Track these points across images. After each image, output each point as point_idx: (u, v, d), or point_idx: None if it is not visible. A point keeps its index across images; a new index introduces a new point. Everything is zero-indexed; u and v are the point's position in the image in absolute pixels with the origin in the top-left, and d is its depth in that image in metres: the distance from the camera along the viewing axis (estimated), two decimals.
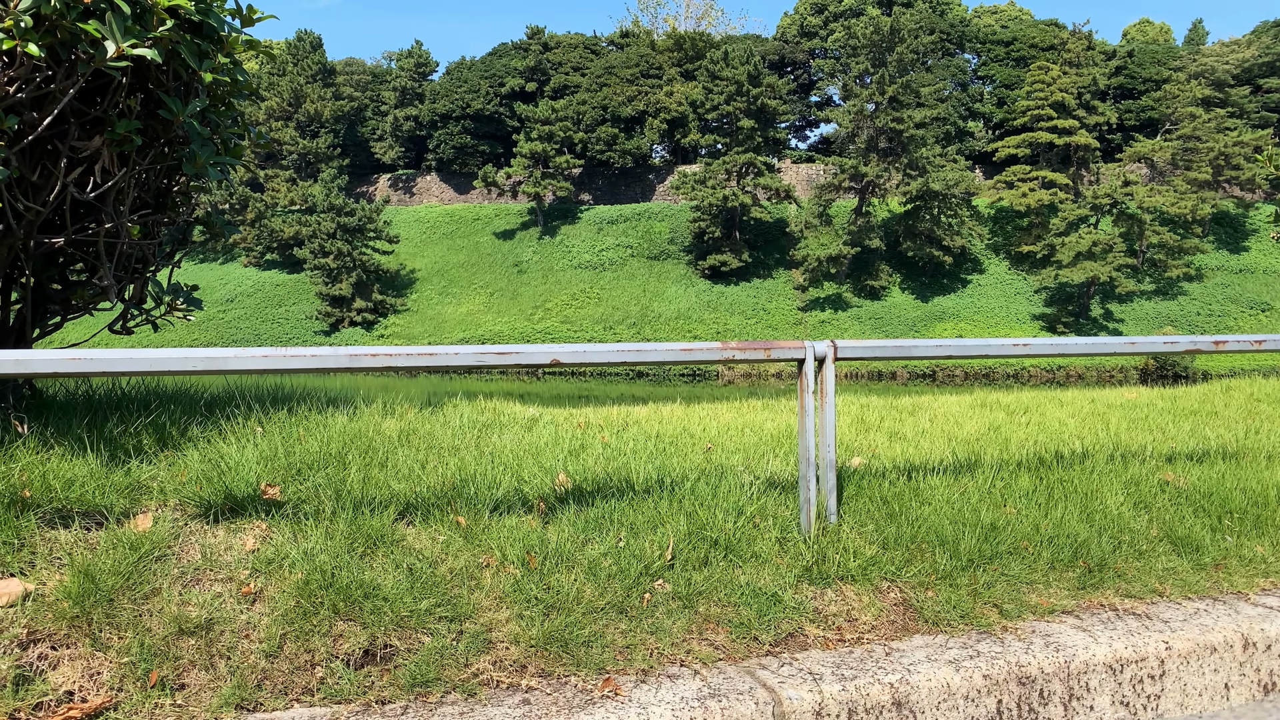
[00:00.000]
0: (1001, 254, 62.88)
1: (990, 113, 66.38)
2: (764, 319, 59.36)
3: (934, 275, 61.22)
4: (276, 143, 68.76)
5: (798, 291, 61.61)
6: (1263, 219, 62.18)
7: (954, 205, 58.74)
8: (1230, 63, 61.27)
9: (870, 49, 58.48)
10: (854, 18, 66.32)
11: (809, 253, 59.21)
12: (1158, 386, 8.59)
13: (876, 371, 53.44)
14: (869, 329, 58.00)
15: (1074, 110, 59.19)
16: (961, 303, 59.73)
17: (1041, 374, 52.53)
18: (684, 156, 72.91)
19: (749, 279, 62.72)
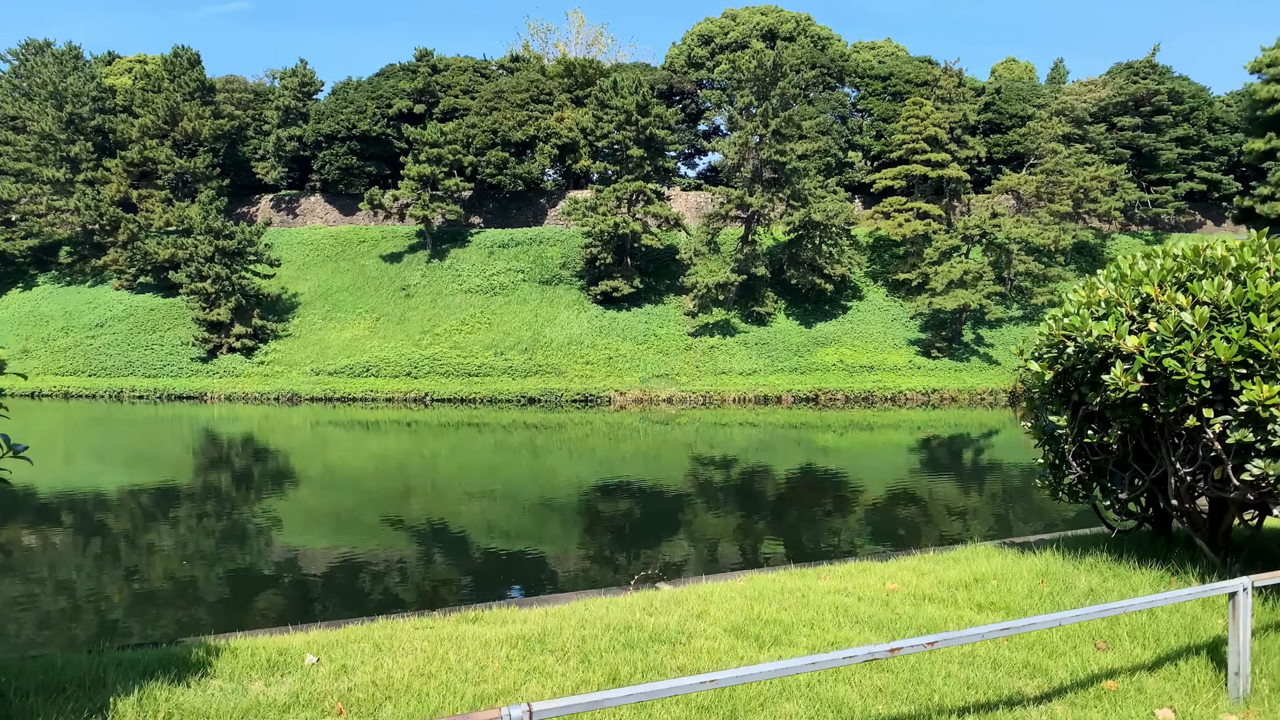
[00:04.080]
0: (880, 281, 65.21)
1: (869, 145, 68.93)
2: (655, 344, 59.99)
3: (817, 302, 63.03)
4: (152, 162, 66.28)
5: (688, 317, 62.49)
6: (1119, 249, 66.27)
7: (835, 235, 60.68)
8: (1088, 101, 65.27)
9: (754, 82, 60.06)
10: (739, 50, 68.03)
11: (698, 279, 60.19)
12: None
13: (763, 396, 54.62)
14: (756, 354, 59.25)
15: (946, 144, 62.02)
16: (843, 328, 61.63)
17: (917, 397, 54.67)
18: (576, 181, 73.29)
19: (640, 304, 63.30)
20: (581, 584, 13.89)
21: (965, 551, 6.60)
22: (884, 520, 19.53)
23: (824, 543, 16.84)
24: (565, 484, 25.90)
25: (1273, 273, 4.91)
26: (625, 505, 22.03)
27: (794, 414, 49.23)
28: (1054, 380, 5.65)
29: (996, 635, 3.72)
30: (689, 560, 15.40)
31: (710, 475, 28.24)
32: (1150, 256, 5.42)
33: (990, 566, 5.85)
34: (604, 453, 34.42)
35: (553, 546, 16.74)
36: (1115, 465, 5.50)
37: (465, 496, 23.10)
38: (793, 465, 30.45)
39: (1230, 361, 4.67)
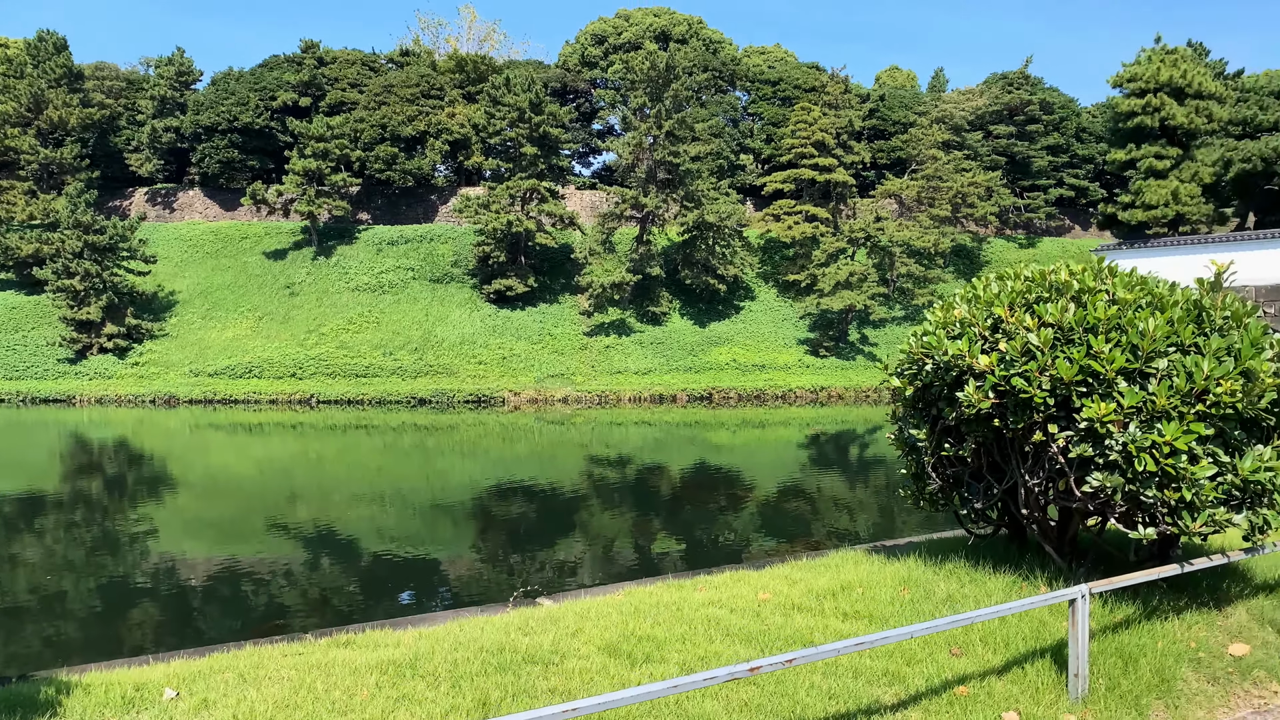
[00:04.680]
0: (771, 282, 66.54)
1: (760, 148, 70.20)
2: (550, 344, 59.79)
3: (710, 302, 63.89)
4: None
5: (583, 317, 62.47)
6: (994, 252, 69.29)
7: (727, 236, 61.63)
8: (966, 110, 67.96)
9: (648, 83, 60.45)
10: (633, 51, 68.34)
11: (594, 279, 60.27)
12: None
13: (658, 395, 55.09)
14: (651, 353, 59.68)
15: (833, 149, 63.66)
16: (736, 328, 62.64)
17: (806, 395, 56.03)
18: (468, 178, 72.38)
19: (535, 304, 62.95)
20: (473, 591, 13.77)
21: (835, 558, 6.83)
22: (768, 522, 19.97)
23: (711, 545, 17.12)
24: (457, 487, 25.60)
25: (1111, 296, 5.24)
26: (517, 509, 21.92)
27: (689, 412, 49.80)
28: (914, 395, 5.90)
29: (851, 650, 3.88)
30: (578, 567, 15.44)
31: (605, 476, 28.35)
32: (1002, 278, 5.71)
33: (857, 574, 6.06)
34: (498, 454, 34.15)
35: (441, 555, 16.54)
36: (971, 476, 5.78)
37: (353, 501, 22.59)
38: (686, 464, 30.82)
39: (1072, 380, 4.96)
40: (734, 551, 16.30)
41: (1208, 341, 5.01)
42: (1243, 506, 5.10)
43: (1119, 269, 5.57)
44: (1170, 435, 4.79)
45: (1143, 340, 4.95)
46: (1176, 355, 5.02)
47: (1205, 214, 38.07)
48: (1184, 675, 4.89)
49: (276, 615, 12.32)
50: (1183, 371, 4.91)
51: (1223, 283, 5.39)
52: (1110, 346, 4.99)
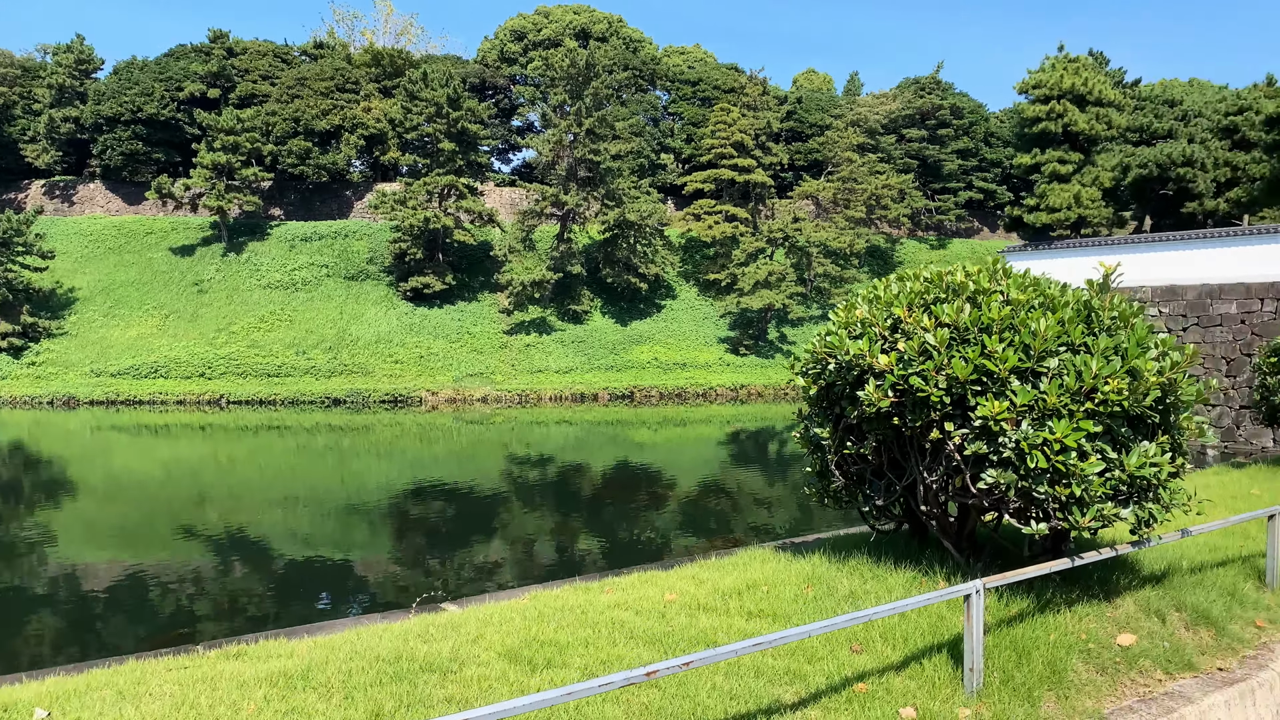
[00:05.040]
0: (692, 281, 66.97)
1: (680, 148, 70.56)
2: (469, 342, 59.12)
3: (632, 300, 63.98)
4: None
5: (503, 315, 61.95)
6: (907, 253, 70.93)
7: (648, 235, 61.79)
8: (880, 113, 69.40)
9: (568, 80, 60.23)
10: (552, 48, 68.00)
11: (513, 276, 59.81)
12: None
13: (580, 394, 54.94)
14: (572, 352, 59.49)
15: (752, 150, 64.36)
16: (657, 326, 62.85)
17: (726, 393, 56.53)
18: (384, 174, 71.11)
19: (453, 301, 62.19)
20: (385, 595, 13.49)
21: (743, 556, 6.85)
22: (685, 520, 20.06)
23: (628, 545, 17.12)
24: (373, 489, 25.11)
25: (1006, 297, 5.35)
26: (434, 510, 21.59)
27: (610, 411, 49.79)
28: (818, 394, 5.95)
29: (749, 651, 3.87)
30: (493, 569, 15.27)
31: (525, 475, 28.14)
32: (902, 279, 5.80)
33: (763, 573, 6.09)
34: (415, 455, 33.64)
35: (353, 558, 16.18)
36: (873, 473, 5.85)
37: (264, 504, 21.97)
38: (607, 463, 30.80)
39: (967, 379, 5.05)
40: (650, 551, 16.33)
41: (1096, 341, 5.15)
42: (1130, 501, 5.26)
43: (1014, 270, 5.70)
44: (1061, 433, 4.92)
45: (1034, 340, 5.07)
46: (1067, 355, 5.15)
47: (1105, 217, 39.58)
48: (1075, 666, 5.03)
49: (175, 625, 11.88)
50: (1073, 370, 5.04)
51: (1111, 284, 5.56)
52: (1004, 346, 5.10)
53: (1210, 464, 27.08)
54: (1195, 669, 5.33)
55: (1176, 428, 5.48)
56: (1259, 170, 37.04)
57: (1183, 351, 5.31)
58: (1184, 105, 44.92)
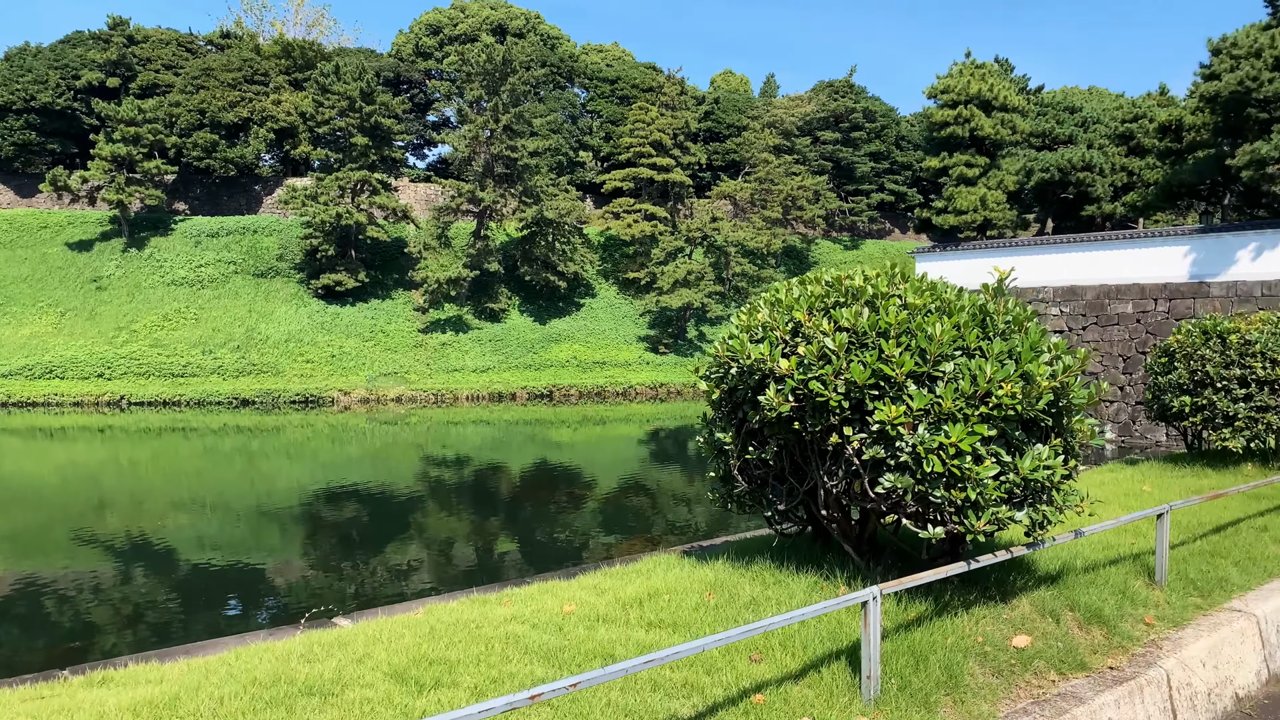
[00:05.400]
0: (611, 279, 66.87)
1: (599, 146, 70.37)
2: (383, 341, 58.00)
3: (550, 299, 63.58)
4: None
5: (418, 313, 60.94)
6: (822, 253, 72.04)
7: (567, 233, 61.48)
8: (795, 115, 70.31)
9: (484, 76, 59.51)
10: (469, 43, 67.11)
11: (428, 274, 58.87)
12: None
13: (497, 393, 54.35)
14: (489, 351, 58.83)
15: (671, 149, 64.56)
16: (576, 325, 62.58)
17: (646, 391, 56.62)
18: (295, 168, 69.30)
19: (366, 299, 60.94)
20: (285, 607, 13.04)
21: (648, 563, 6.74)
22: (600, 523, 19.94)
23: (539, 550, 16.91)
24: (282, 492, 24.36)
25: (903, 301, 5.34)
26: (344, 515, 21.03)
27: (528, 410, 49.37)
28: (721, 398, 5.87)
29: (640, 668, 3.75)
30: (398, 577, 14.90)
31: (440, 477, 27.66)
32: (804, 283, 5.76)
33: (666, 580, 5.99)
34: (327, 456, 32.85)
35: (254, 567, 15.62)
36: (775, 478, 5.80)
37: (167, 509, 21.07)
38: (525, 464, 30.49)
39: (865, 384, 5.02)
40: (561, 556, 16.16)
41: (991, 345, 5.18)
42: (1024, 504, 5.30)
43: (911, 274, 5.70)
44: (956, 437, 4.92)
45: (930, 344, 5.07)
46: (963, 359, 5.16)
47: (1010, 219, 40.74)
48: (971, 670, 5.04)
49: (53, 644, 11.26)
50: (968, 375, 5.05)
51: (1006, 288, 5.61)
52: (900, 350, 5.08)
53: (1109, 459, 28.10)
54: (1087, 668, 5.41)
55: (1069, 430, 5.55)
56: (1153, 176, 38.59)
57: (1075, 355, 5.38)
58: (1084, 112, 46.55)
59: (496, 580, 8.97)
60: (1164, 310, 32.37)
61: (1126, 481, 9.96)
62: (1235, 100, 32.15)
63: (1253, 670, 6.30)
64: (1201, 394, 9.90)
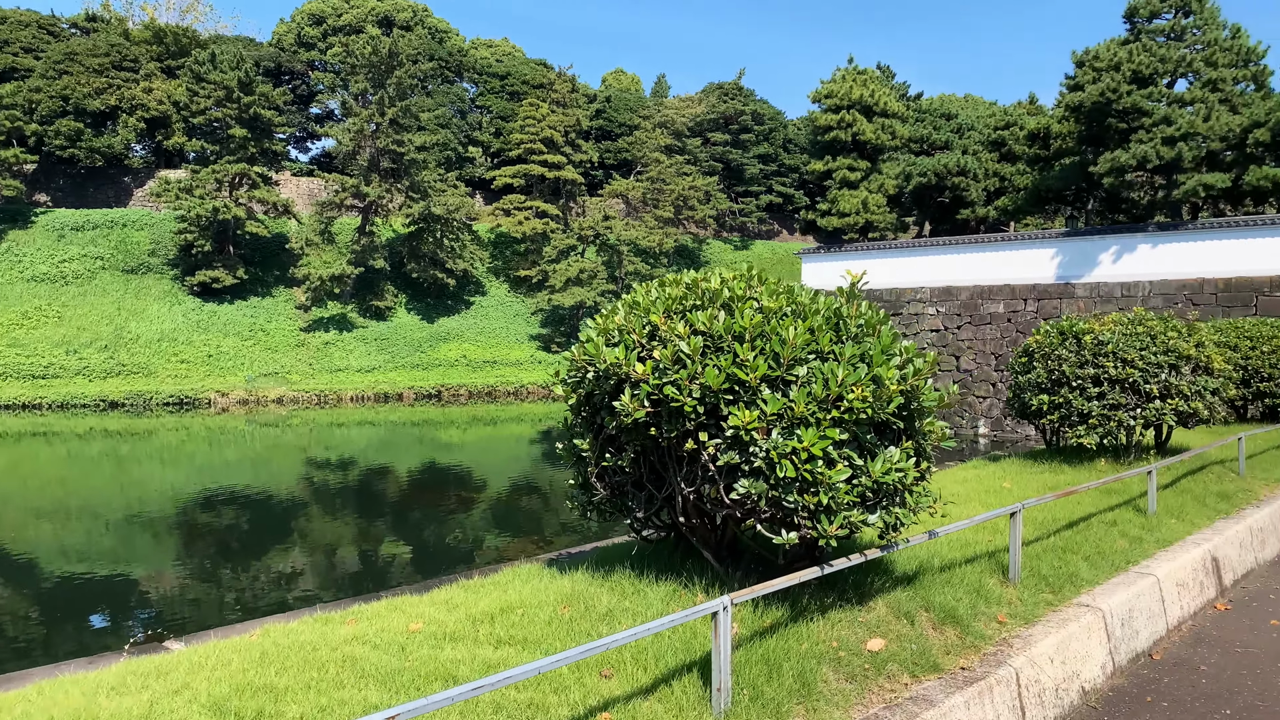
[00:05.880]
0: (502, 277, 66.10)
1: (489, 142, 69.47)
2: (263, 340, 55.94)
3: (439, 297, 62.43)
4: None
5: (300, 311, 59.02)
6: (713, 253, 72.81)
7: (456, 229, 60.49)
8: (686, 116, 70.86)
9: (370, 69, 58.03)
10: (354, 34, 65.33)
11: (311, 271, 57.09)
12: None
13: (383, 394, 53.06)
14: (375, 350, 57.40)
15: (562, 147, 64.20)
16: (465, 323, 61.62)
17: (538, 391, 56.13)
18: (169, 160, 66.20)
19: (245, 297, 58.69)
20: (138, 626, 12.29)
21: (506, 575, 6.53)
22: (476, 528, 19.57)
23: (405, 560, 16.44)
24: (151, 499, 23.10)
25: (759, 305, 5.26)
26: (210, 524, 20.06)
27: (416, 411, 48.34)
28: (578, 404, 5.71)
29: (476, 693, 3.55)
30: (251, 593, 14.25)
31: (318, 480, 26.73)
32: (663, 284, 5.64)
33: (522, 593, 5.78)
34: (203, 460, 31.44)
35: (103, 584, 14.70)
36: (633, 485, 5.66)
37: (22, 519, 19.68)
38: (408, 466, 29.77)
39: (720, 388, 4.92)
40: (431, 564, 15.75)
41: (843, 349, 5.15)
42: (877, 507, 5.29)
43: (769, 277, 5.65)
44: (808, 441, 4.87)
45: (784, 348, 5.00)
46: (816, 362, 5.12)
47: (890, 222, 41.91)
48: (825, 676, 5.00)
49: None
50: (820, 378, 5.01)
51: (859, 291, 5.60)
52: (755, 354, 5.00)
53: (982, 451, 29.15)
54: (940, 670, 5.44)
55: (921, 433, 5.58)
56: (1023, 181, 40.25)
57: (925, 358, 5.40)
58: (959, 119, 48.26)
59: (360, 593, 8.60)
60: (1033, 310, 33.78)
61: (989, 478, 10.22)
62: (1097, 110, 33.78)
63: (1099, 663, 6.49)
64: (1058, 393, 10.24)
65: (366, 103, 59.63)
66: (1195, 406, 10.05)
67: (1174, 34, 34.19)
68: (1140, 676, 6.64)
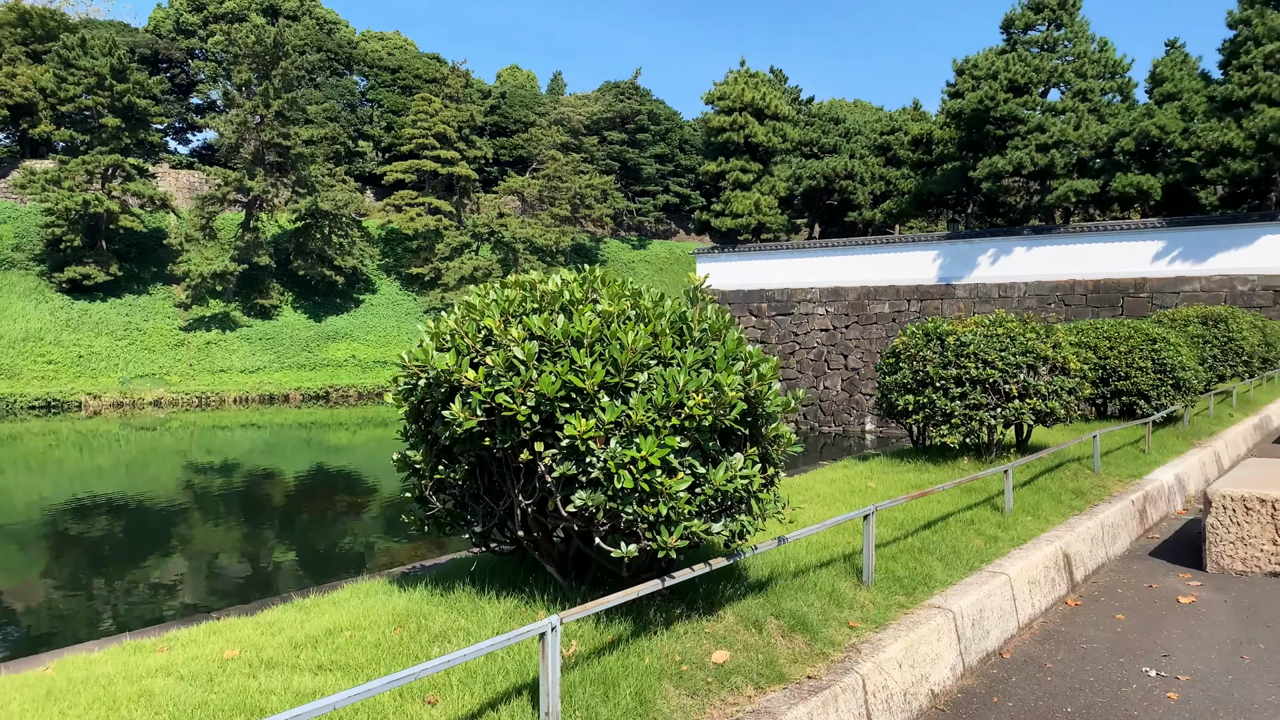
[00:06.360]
0: (393, 275, 64.64)
1: (380, 136, 67.88)
2: (139, 340, 53.41)
3: (327, 295, 60.68)
4: None
5: (180, 310, 56.57)
6: (610, 252, 72.78)
7: (345, 225, 58.89)
8: (582, 114, 70.62)
9: (254, 59, 55.97)
10: (236, 22, 62.92)
11: (191, 268, 54.83)
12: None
13: (269, 395, 51.29)
14: (260, 350, 55.44)
15: (455, 142, 63.18)
16: (355, 322, 60.07)
17: None
18: (34, 149, 62.59)
19: (120, 295, 55.94)
20: None
21: (345, 592, 6.18)
22: (343, 538, 18.97)
23: (262, 574, 15.79)
24: (9, 510, 21.64)
25: (598, 309, 5.08)
26: (68, 535, 18.89)
27: (304, 413, 46.87)
28: (411, 413, 5.41)
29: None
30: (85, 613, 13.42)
31: (195, 487, 25.55)
32: (505, 285, 5.40)
33: (355, 613, 5.46)
34: (73, 467, 29.79)
35: None
36: (471, 498, 5.40)
37: None
38: (291, 470, 28.75)
39: (555, 396, 4.72)
40: (288, 578, 15.15)
41: (684, 354, 5.00)
42: (721, 515, 5.16)
43: (613, 279, 5.46)
44: (647, 450, 4.70)
45: (623, 354, 4.82)
46: (658, 369, 4.95)
47: (782, 223, 42.53)
48: (665, 692, 4.83)
49: None
50: (662, 384, 4.84)
51: (704, 295, 5.47)
52: (593, 360, 4.81)
53: (869, 446, 29.78)
54: (786, 680, 5.34)
55: (767, 438, 5.48)
56: (907, 185, 41.38)
57: (769, 363, 5.30)
58: (847, 123, 49.33)
59: (198, 612, 8.10)
60: (916, 310, 34.72)
61: (856, 478, 10.29)
62: (976, 117, 34.92)
63: (948, 665, 6.52)
64: (923, 393, 10.39)
65: (251, 94, 57.49)
66: (1052, 406, 10.33)
67: (1047, 45, 35.60)
68: (990, 676, 6.71)
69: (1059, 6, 35.03)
